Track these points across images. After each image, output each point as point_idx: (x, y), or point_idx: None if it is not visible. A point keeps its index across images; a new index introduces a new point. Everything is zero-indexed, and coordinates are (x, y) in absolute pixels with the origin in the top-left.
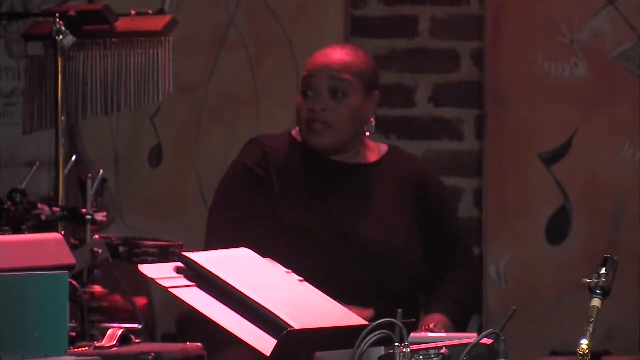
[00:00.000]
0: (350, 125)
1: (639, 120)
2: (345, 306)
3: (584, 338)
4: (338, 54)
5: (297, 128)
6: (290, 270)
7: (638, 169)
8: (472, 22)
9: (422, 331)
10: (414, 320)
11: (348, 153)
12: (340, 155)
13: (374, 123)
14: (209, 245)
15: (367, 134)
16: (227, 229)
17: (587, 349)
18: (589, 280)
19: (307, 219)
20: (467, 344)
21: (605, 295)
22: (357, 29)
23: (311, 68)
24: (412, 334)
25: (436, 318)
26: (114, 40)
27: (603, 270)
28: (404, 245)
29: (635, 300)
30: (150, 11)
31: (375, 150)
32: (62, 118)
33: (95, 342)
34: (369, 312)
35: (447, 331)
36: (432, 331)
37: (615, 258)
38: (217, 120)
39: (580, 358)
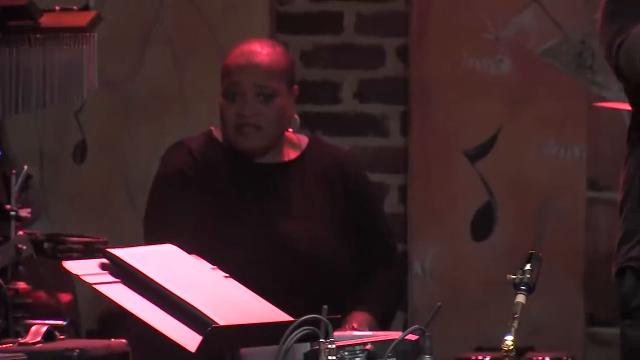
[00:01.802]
0: (278, 125)
1: (563, 116)
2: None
3: (508, 334)
4: (262, 56)
5: (218, 127)
6: (215, 267)
7: (562, 165)
8: (398, 18)
9: (346, 329)
10: (339, 316)
11: (271, 152)
12: (263, 156)
13: (298, 121)
14: None
15: (290, 130)
16: (164, 233)
17: (512, 344)
18: (514, 277)
19: (233, 221)
20: (392, 340)
21: (529, 291)
22: (283, 25)
23: (235, 70)
24: (337, 332)
25: (360, 316)
26: (38, 35)
27: (528, 267)
28: (329, 242)
29: (560, 297)
30: (75, 7)
31: (296, 144)
32: None
33: (20, 339)
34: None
35: (370, 329)
36: (357, 330)
37: (540, 254)
38: (143, 117)
39: (505, 354)
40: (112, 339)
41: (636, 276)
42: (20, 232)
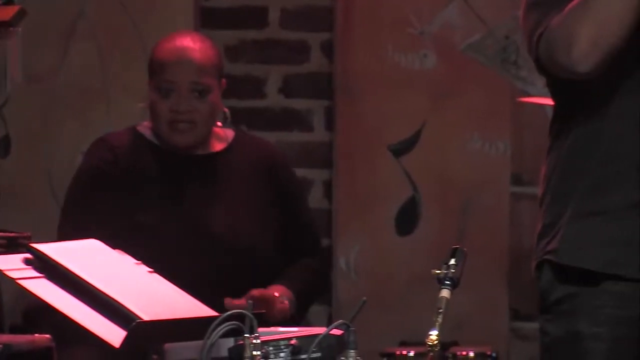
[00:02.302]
0: (210, 120)
1: (487, 111)
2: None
3: (433, 329)
4: (195, 52)
5: (144, 124)
6: (139, 262)
7: (486, 160)
8: (322, 13)
9: (266, 297)
10: (264, 311)
11: (201, 146)
12: (192, 148)
13: (228, 113)
14: None
15: (219, 124)
16: (77, 232)
17: (436, 339)
18: (438, 271)
19: (160, 216)
20: (316, 335)
21: (454, 286)
22: (207, 20)
23: (169, 67)
24: (261, 328)
25: (280, 288)
26: None
27: (452, 261)
28: (255, 234)
29: (484, 292)
30: None
31: (222, 137)
32: None
33: None
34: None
35: (290, 304)
36: (278, 301)
37: (465, 249)
38: (67, 111)
39: (429, 348)
40: (36, 334)
41: (553, 270)
42: None
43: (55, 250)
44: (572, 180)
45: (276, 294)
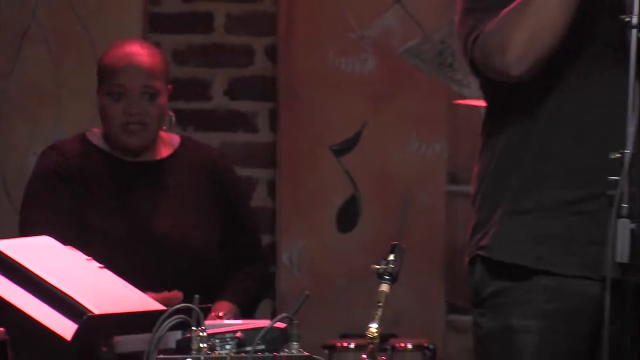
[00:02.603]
0: (160, 122)
1: (424, 113)
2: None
3: (372, 322)
4: (145, 57)
5: (93, 130)
6: (90, 258)
7: (424, 160)
8: (266, 18)
9: (210, 319)
10: (210, 305)
11: (146, 151)
12: (142, 154)
13: (174, 118)
14: None
15: (164, 127)
16: (36, 230)
17: (376, 332)
18: (378, 267)
19: (109, 218)
20: (261, 328)
21: (393, 280)
22: (155, 25)
23: (120, 71)
24: (207, 321)
25: (225, 306)
26: None
27: (391, 257)
28: (200, 236)
29: (421, 286)
30: None
31: (168, 143)
32: None
33: None
34: (179, 295)
35: (235, 318)
36: (221, 319)
37: (403, 245)
38: (18, 114)
39: (369, 341)
40: None
41: (485, 265)
42: None
43: (8, 246)
44: (504, 179)
45: (220, 314)
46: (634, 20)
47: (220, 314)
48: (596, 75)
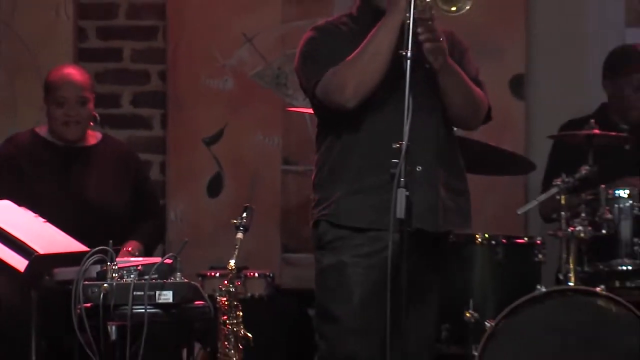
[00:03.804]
0: (88, 121)
1: (267, 116)
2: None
3: (231, 259)
4: (78, 76)
5: (40, 127)
6: (37, 215)
7: (266, 148)
8: (159, 51)
9: (122, 253)
10: (119, 247)
11: (79, 140)
12: (73, 143)
13: (98, 118)
14: None
15: (92, 124)
16: (3, 192)
17: (233, 265)
18: (235, 221)
19: (52, 188)
20: (155, 263)
21: (245, 230)
22: (82, 56)
23: (62, 86)
24: (118, 258)
25: (133, 244)
26: None
27: (244, 215)
28: (116, 200)
29: (264, 234)
30: None
31: (93, 136)
32: None
33: None
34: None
35: (139, 253)
36: (131, 254)
37: (252, 207)
38: None
39: (229, 271)
40: None
41: (329, 222)
42: None
43: None
44: (339, 172)
45: (130, 249)
46: (409, 54)
47: (130, 249)
48: (389, 95)
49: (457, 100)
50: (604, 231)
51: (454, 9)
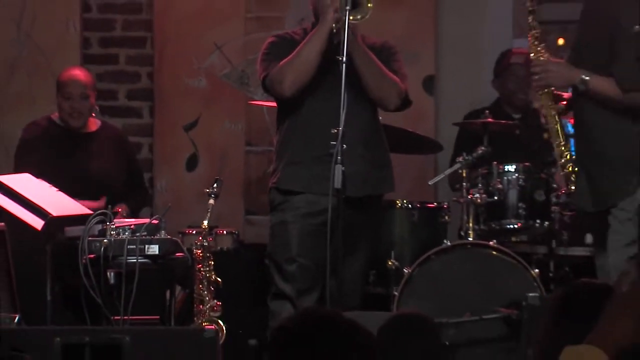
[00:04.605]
0: (90, 112)
1: (232, 108)
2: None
3: (205, 220)
4: (82, 76)
5: (55, 114)
6: (51, 185)
7: (232, 133)
8: (148, 57)
9: (119, 215)
10: (118, 210)
11: (82, 127)
12: (77, 129)
13: (98, 109)
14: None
15: (93, 114)
16: (21, 171)
17: (206, 224)
18: (208, 190)
19: (62, 164)
20: (144, 223)
21: (216, 197)
22: (87, 59)
23: (70, 84)
24: (115, 219)
25: (122, 206)
26: None
27: (215, 185)
28: (115, 177)
29: (230, 201)
30: None
31: (94, 123)
32: None
33: None
34: (100, 202)
35: (126, 214)
36: (120, 214)
37: (221, 179)
38: (16, 109)
39: (203, 229)
40: None
41: (276, 189)
42: None
43: (4, 178)
44: (285, 146)
45: (119, 210)
46: (344, 59)
47: (119, 210)
48: (329, 88)
49: (371, 81)
50: (495, 198)
51: (359, 17)
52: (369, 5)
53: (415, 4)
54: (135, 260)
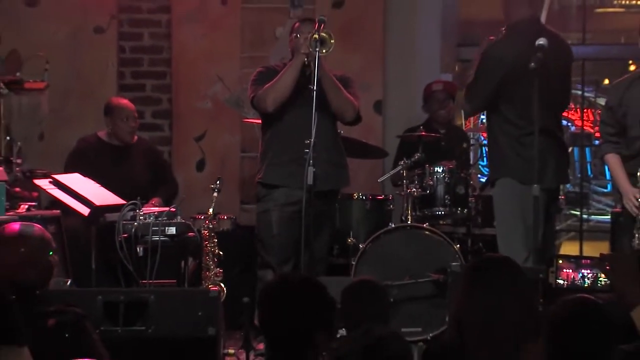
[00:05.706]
0: (135, 131)
1: (230, 124)
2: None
3: (210, 208)
4: (131, 104)
5: (101, 132)
6: (96, 183)
7: (229, 143)
8: (167, 86)
9: (150, 204)
10: (154, 202)
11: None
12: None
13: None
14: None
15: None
16: (75, 171)
17: (212, 210)
18: (213, 186)
19: (108, 170)
20: (164, 210)
21: (219, 192)
22: (122, 89)
23: (126, 109)
24: (144, 208)
25: (156, 199)
26: None
27: (218, 182)
28: (149, 180)
29: (229, 193)
30: None
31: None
32: None
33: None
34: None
35: (159, 204)
36: (154, 205)
37: (222, 178)
38: (76, 119)
39: (208, 215)
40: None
41: (261, 184)
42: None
43: (59, 177)
44: (268, 150)
45: (154, 202)
46: (315, 87)
47: (154, 201)
48: (301, 106)
49: (333, 98)
50: (427, 191)
51: (324, 51)
52: (332, 41)
53: (368, 48)
54: (157, 239)
